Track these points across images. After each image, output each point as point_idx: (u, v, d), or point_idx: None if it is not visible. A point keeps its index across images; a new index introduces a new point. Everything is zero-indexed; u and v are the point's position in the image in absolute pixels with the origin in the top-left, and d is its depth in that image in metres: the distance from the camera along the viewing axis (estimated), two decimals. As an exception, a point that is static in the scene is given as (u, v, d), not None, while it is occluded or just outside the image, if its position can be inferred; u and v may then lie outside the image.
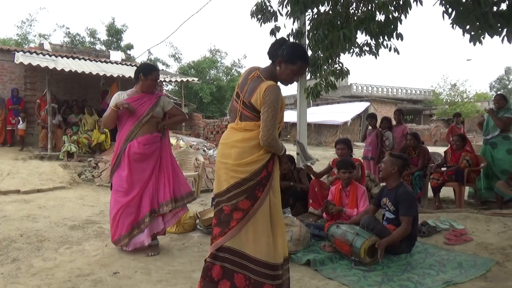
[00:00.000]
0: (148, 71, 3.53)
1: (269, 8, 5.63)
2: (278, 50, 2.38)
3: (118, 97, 3.51)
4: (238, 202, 2.28)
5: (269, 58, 2.45)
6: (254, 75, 2.39)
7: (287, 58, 2.34)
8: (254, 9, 5.67)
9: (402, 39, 5.15)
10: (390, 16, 5.00)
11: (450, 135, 7.64)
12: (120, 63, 12.45)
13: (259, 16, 5.66)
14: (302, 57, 2.39)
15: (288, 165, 4.98)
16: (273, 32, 5.70)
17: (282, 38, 2.46)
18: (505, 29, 3.42)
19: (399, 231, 3.36)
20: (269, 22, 5.68)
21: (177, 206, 3.54)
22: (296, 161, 5.47)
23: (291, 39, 5.87)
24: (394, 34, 5.10)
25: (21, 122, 10.06)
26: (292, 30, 5.83)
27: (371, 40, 5.46)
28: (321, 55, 5.68)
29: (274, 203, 2.36)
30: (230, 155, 2.33)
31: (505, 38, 3.44)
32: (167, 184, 3.52)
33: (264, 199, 2.30)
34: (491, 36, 3.52)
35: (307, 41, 6.06)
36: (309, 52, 6.10)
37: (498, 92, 8.10)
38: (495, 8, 3.49)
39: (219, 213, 2.37)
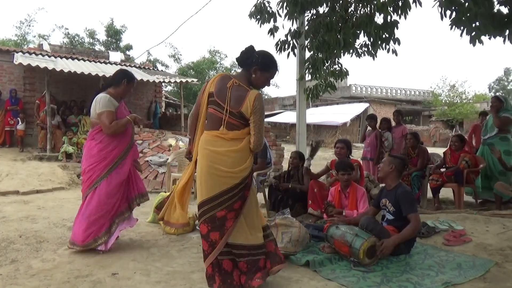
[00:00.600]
0: (132, 78, 3.63)
1: (268, 8, 5.64)
2: (249, 58, 2.60)
3: (111, 102, 3.51)
4: (233, 204, 2.54)
5: (240, 66, 2.66)
6: (233, 83, 2.56)
7: (262, 66, 2.60)
8: (253, 9, 5.68)
9: (399, 44, 5.20)
10: (389, 18, 5.02)
11: (474, 134, 7.20)
12: (120, 64, 12.47)
13: (258, 16, 5.67)
14: (275, 66, 2.69)
15: (296, 161, 4.98)
16: (271, 32, 5.71)
17: (251, 47, 2.65)
18: (507, 30, 3.42)
19: (409, 228, 3.30)
20: (268, 23, 5.69)
21: (142, 201, 3.72)
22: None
23: (289, 39, 5.89)
24: (391, 38, 5.15)
25: (20, 122, 10.06)
26: (290, 30, 5.84)
27: (369, 40, 5.47)
28: (320, 56, 5.69)
29: (256, 201, 2.72)
30: (222, 163, 2.52)
31: (506, 38, 3.44)
32: (131, 183, 3.68)
33: (250, 196, 2.64)
34: (494, 37, 3.51)
35: (306, 42, 6.07)
36: (308, 53, 6.12)
37: (496, 94, 8.05)
38: (495, 9, 3.49)
39: (211, 219, 2.52)
